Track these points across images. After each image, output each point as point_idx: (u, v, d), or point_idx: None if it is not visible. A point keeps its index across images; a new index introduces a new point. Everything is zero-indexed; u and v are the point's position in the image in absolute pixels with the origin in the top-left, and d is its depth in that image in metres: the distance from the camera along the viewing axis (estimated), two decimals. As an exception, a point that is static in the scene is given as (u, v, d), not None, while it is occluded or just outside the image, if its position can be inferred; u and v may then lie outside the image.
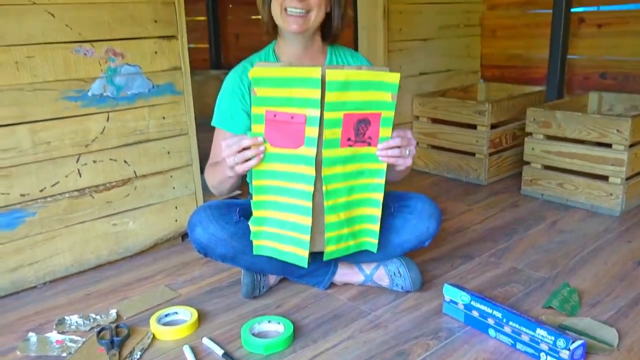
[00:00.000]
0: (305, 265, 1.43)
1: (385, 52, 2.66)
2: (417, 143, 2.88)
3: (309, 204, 1.35)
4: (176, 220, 2.06)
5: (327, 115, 1.29)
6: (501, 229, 2.15)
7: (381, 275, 1.68)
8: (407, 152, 1.39)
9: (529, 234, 2.10)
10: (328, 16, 1.53)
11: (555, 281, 1.72)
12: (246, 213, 1.57)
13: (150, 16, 1.85)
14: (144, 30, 1.84)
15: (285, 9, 1.45)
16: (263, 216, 1.40)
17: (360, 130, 1.33)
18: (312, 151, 1.31)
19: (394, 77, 1.29)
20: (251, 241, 1.46)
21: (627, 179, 2.21)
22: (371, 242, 1.49)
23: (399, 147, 1.36)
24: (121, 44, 1.81)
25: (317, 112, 1.28)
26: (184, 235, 2.11)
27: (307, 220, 1.37)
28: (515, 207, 2.38)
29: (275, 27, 1.53)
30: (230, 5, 4.63)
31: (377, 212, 1.44)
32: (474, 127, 2.64)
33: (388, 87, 1.30)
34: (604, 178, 2.25)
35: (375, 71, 1.30)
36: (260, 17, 1.56)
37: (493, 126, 2.63)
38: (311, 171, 1.33)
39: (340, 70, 1.27)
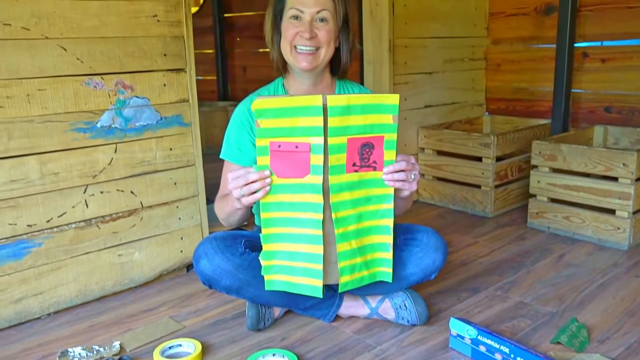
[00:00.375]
0: (321, 296, 1.41)
1: (391, 84, 2.69)
2: (423, 175, 2.90)
3: (320, 232, 1.35)
4: (181, 251, 2.06)
5: (331, 140, 1.30)
6: (508, 262, 2.13)
7: (387, 308, 1.67)
8: (412, 176, 1.39)
9: (536, 267, 2.08)
10: (337, 51, 1.56)
11: (564, 316, 1.70)
12: (252, 244, 1.58)
13: (160, 50, 1.88)
14: (154, 63, 1.88)
15: (295, 47, 1.48)
16: (273, 250, 1.40)
17: (365, 154, 1.34)
18: (318, 179, 1.32)
19: (394, 99, 1.31)
20: (257, 273, 1.46)
21: (635, 212, 2.20)
22: (385, 271, 1.47)
23: (404, 171, 1.37)
24: (131, 77, 1.84)
25: (321, 140, 1.30)
26: (189, 266, 2.11)
27: (319, 249, 1.36)
28: (522, 239, 2.37)
29: (285, 64, 1.56)
30: (238, 39, 4.71)
31: (389, 239, 1.43)
32: (479, 159, 2.65)
33: (388, 109, 1.32)
34: (611, 211, 2.24)
35: (375, 95, 1.32)
36: (268, 50, 1.59)
37: (498, 158, 2.64)
38: (319, 199, 1.34)
39: (341, 95, 1.30)
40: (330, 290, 1.67)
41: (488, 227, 2.55)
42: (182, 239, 2.05)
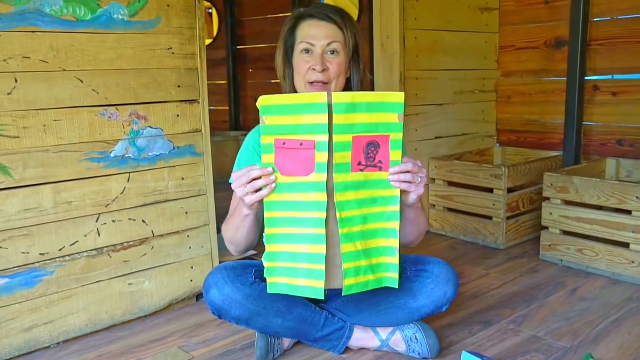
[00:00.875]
0: (322, 297, 1.36)
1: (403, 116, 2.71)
2: (434, 205, 2.89)
3: (322, 231, 1.33)
4: (191, 281, 2.06)
5: (337, 138, 1.30)
6: (520, 295, 2.11)
7: (397, 340, 1.65)
8: (419, 179, 1.37)
9: (549, 300, 2.05)
10: (348, 82, 1.58)
11: (578, 351, 1.67)
12: (262, 275, 1.57)
13: (174, 82, 1.92)
14: (168, 94, 1.92)
15: (309, 82, 1.50)
16: (276, 250, 1.37)
17: (371, 153, 1.34)
18: (323, 177, 1.31)
19: (399, 97, 1.31)
20: (267, 303, 1.45)
21: (649, 245, 2.18)
22: (391, 277, 1.42)
23: (410, 172, 1.35)
24: (145, 108, 1.87)
25: (326, 137, 1.29)
26: (199, 296, 2.11)
27: (321, 249, 1.33)
28: (534, 272, 2.35)
29: None
30: (250, 70, 4.79)
31: (395, 243, 1.40)
32: (490, 190, 2.64)
33: (394, 107, 1.31)
34: (625, 245, 2.22)
35: (380, 92, 1.33)
36: (279, 81, 1.62)
37: (510, 190, 2.63)
38: (323, 197, 1.32)
39: (346, 93, 1.30)
40: (341, 322, 1.66)
41: (500, 259, 2.53)
42: (192, 268, 2.05)
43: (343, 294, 1.40)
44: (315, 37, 1.49)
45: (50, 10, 1.64)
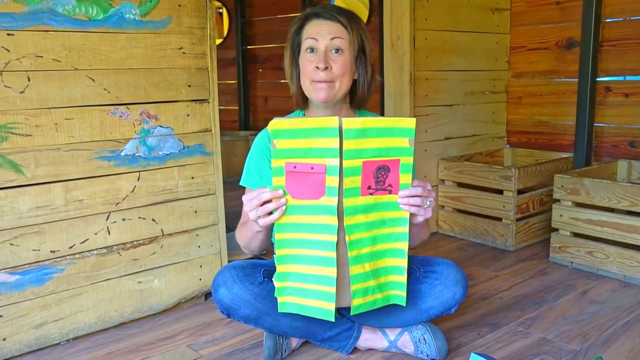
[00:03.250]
0: (333, 319, 1.39)
1: (412, 116, 2.70)
2: (443, 207, 2.88)
3: (333, 255, 1.34)
4: (200, 279, 2.07)
5: (346, 163, 1.31)
6: (529, 297, 2.10)
7: (406, 341, 1.65)
8: (428, 203, 1.39)
9: (559, 303, 2.04)
10: (355, 83, 1.58)
11: (588, 354, 1.66)
12: (271, 274, 1.58)
13: (184, 81, 1.93)
14: (178, 94, 1.93)
15: (313, 81, 1.51)
16: (287, 271, 1.39)
17: (380, 177, 1.34)
18: (333, 200, 1.32)
19: (410, 123, 1.31)
20: (275, 302, 1.45)
21: (661, 248, 2.17)
22: (399, 295, 1.45)
23: (419, 196, 1.37)
24: (155, 107, 1.88)
25: (337, 161, 1.30)
26: (207, 295, 2.12)
27: (332, 272, 1.35)
28: (544, 274, 2.34)
29: (305, 98, 1.59)
30: (260, 70, 4.80)
31: (403, 262, 1.41)
32: (500, 192, 2.63)
33: (405, 132, 1.32)
34: (637, 247, 2.20)
35: (391, 118, 1.32)
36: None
37: (520, 191, 2.62)
38: (334, 221, 1.33)
39: (357, 118, 1.30)
40: (349, 322, 1.66)
41: (509, 260, 2.52)
42: (201, 267, 2.06)
43: (351, 314, 1.42)
44: (319, 34, 1.49)
45: (62, 10, 1.65)
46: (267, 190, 1.34)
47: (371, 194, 1.35)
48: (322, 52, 1.49)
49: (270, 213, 1.35)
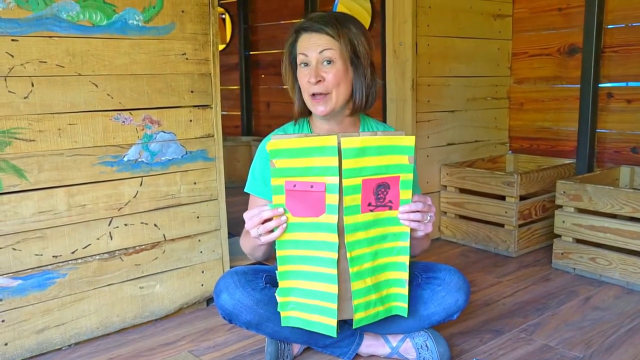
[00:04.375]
0: (335, 335, 1.40)
1: (414, 122, 2.71)
2: (445, 212, 2.88)
3: (334, 272, 1.35)
4: (202, 285, 2.06)
5: (346, 182, 1.31)
6: (532, 304, 2.09)
7: (408, 348, 1.65)
8: (428, 217, 1.39)
9: (561, 309, 2.04)
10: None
11: (590, 361, 1.66)
12: (272, 279, 1.58)
13: (187, 87, 1.94)
14: (181, 99, 1.93)
15: (311, 95, 1.51)
16: (289, 287, 1.40)
17: (380, 194, 1.35)
18: (333, 218, 1.32)
19: (410, 141, 1.32)
20: (277, 309, 1.45)
21: (663, 255, 2.16)
22: (401, 306, 1.45)
23: (420, 212, 1.37)
24: (158, 113, 1.89)
25: (336, 180, 1.30)
26: (209, 300, 2.11)
27: (333, 288, 1.36)
28: (546, 280, 2.33)
29: (308, 110, 1.58)
30: (263, 76, 4.81)
31: (405, 275, 1.42)
32: (502, 198, 2.63)
33: (404, 150, 1.32)
34: (639, 254, 2.20)
35: (390, 136, 1.32)
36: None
37: (522, 198, 2.62)
38: (334, 238, 1.34)
39: (355, 137, 1.30)
40: (351, 328, 1.65)
41: (511, 266, 2.51)
42: (203, 272, 2.06)
43: (353, 327, 1.42)
44: (309, 48, 1.48)
45: (66, 16, 1.66)
46: (267, 208, 1.35)
47: (371, 210, 1.36)
48: (313, 66, 1.48)
49: (272, 231, 1.35)
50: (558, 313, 2.01)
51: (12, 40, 1.58)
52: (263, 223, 1.35)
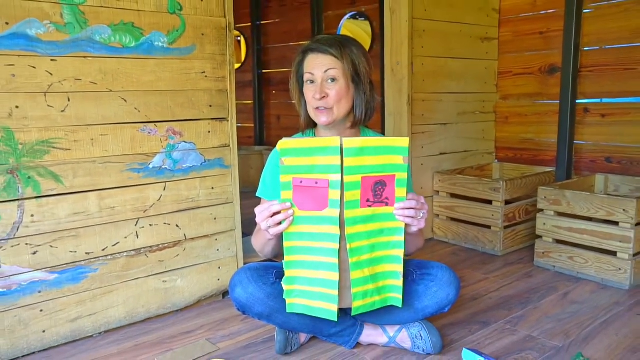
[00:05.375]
0: (336, 319, 1.40)
1: (410, 134, 2.71)
2: (438, 215, 2.87)
3: (336, 260, 1.35)
4: (218, 280, 2.07)
5: (347, 178, 1.32)
6: (516, 298, 2.08)
7: (404, 337, 1.64)
8: (421, 214, 1.40)
9: (543, 303, 2.03)
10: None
11: (569, 350, 1.65)
12: (282, 275, 1.58)
13: (206, 102, 1.95)
14: (200, 113, 1.94)
15: (315, 108, 1.51)
16: (294, 275, 1.40)
17: (378, 191, 1.35)
18: (336, 212, 1.33)
19: (404, 142, 1.32)
20: (285, 300, 1.45)
21: (635, 255, 2.14)
22: (395, 297, 1.45)
23: (414, 209, 1.37)
24: (180, 125, 1.90)
25: (339, 177, 1.31)
26: (225, 293, 2.11)
27: (335, 276, 1.36)
28: (529, 277, 2.32)
29: (313, 122, 1.59)
30: (274, 92, 4.82)
31: (399, 268, 1.42)
32: (489, 202, 2.62)
33: (399, 150, 1.33)
34: (613, 253, 2.18)
35: (387, 138, 1.34)
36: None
37: (507, 202, 2.61)
38: (336, 230, 1.34)
39: (355, 138, 1.31)
40: (352, 319, 1.65)
41: (497, 264, 2.50)
42: (219, 268, 2.06)
43: (352, 314, 1.42)
44: (315, 67, 1.49)
45: (100, 38, 1.67)
46: (276, 203, 1.35)
47: (370, 206, 1.36)
48: (319, 84, 1.48)
49: (280, 223, 1.36)
50: (540, 306, 2.00)
51: (52, 60, 1.60)
52: (272, 216, 1.35)
